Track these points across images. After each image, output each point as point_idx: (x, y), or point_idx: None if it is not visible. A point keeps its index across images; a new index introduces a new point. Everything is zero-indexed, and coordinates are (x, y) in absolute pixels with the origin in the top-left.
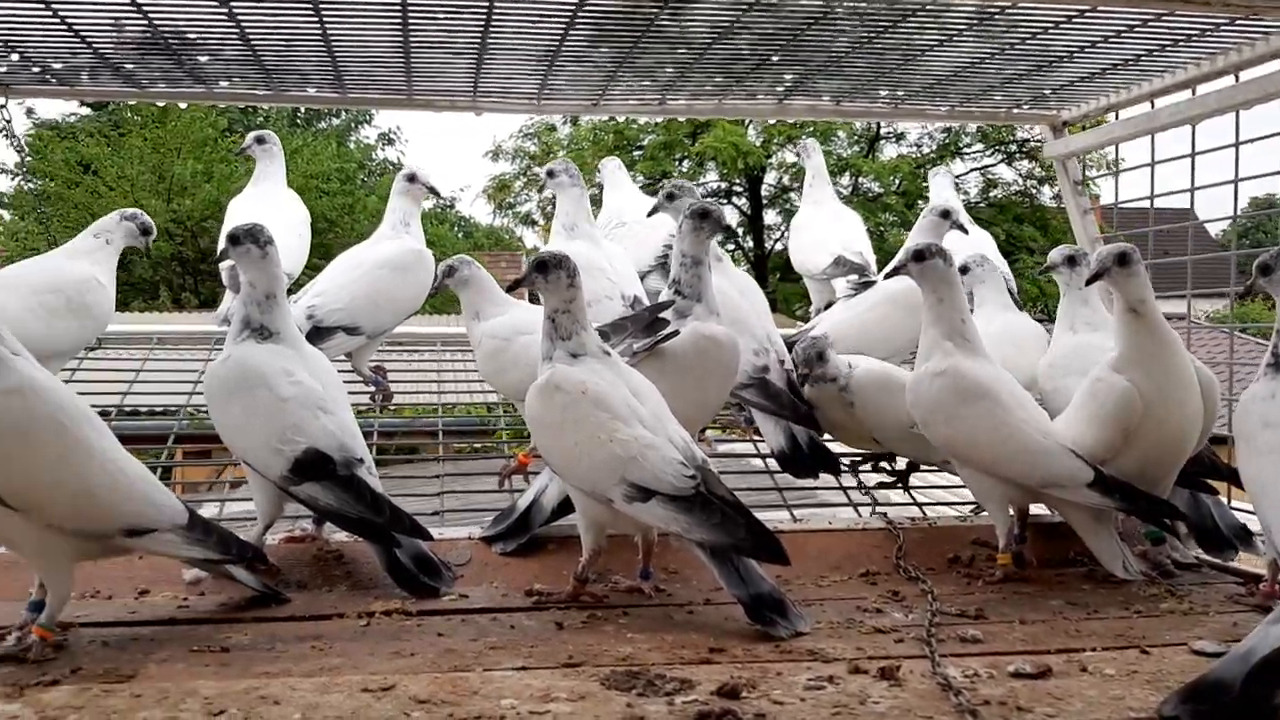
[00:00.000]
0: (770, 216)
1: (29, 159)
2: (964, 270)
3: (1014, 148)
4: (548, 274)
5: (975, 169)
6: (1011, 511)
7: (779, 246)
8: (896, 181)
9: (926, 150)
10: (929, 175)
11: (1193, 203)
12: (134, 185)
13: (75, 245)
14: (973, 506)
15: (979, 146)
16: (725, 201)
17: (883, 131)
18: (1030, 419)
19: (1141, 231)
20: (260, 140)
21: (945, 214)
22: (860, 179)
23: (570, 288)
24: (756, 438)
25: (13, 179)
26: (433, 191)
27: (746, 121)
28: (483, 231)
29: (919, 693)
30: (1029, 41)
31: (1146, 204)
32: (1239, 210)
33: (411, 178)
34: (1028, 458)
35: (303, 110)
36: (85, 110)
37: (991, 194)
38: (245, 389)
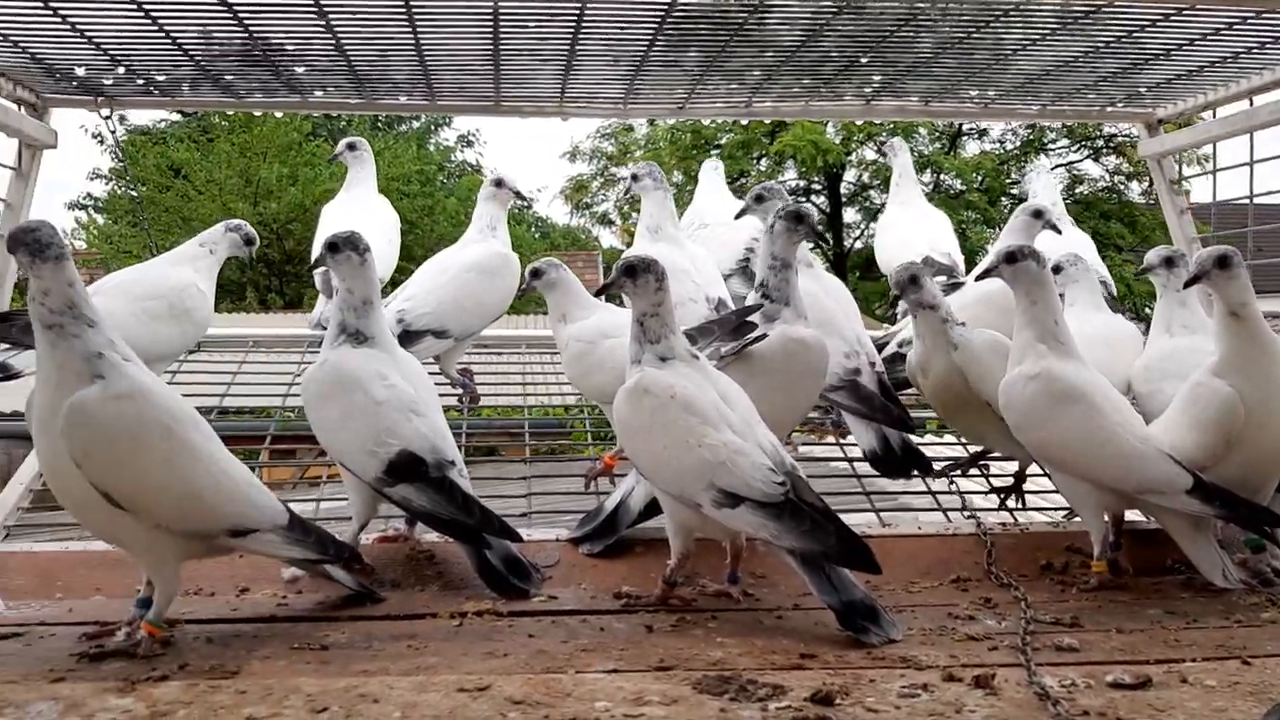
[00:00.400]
0: (849, 214)
1: (123, 164)
2: (1056, 270)
3: (1101, 143)
4: (636, 278)
5: (1061, 165)
6: (1106, 518)
7: (858, 245)
8: (979, 179)
9: (1010, 147)
10: (1027, 175)
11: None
12: (222, 189)
13: (180, 252)
14: (1065, 511)
15: (1064, 142)
16: (804, 199)
17: (965, 128)
18: (1126, 423)
19: (1239, 231)
20: (352, 147)
21: (1038, 214)
22: (942, 176)
23: (658, 291)
24: (843, 440)
25: (107, 184)
26: (519, 196)
27: (826, 119)
28: (559, 232)
29: (1015, 702)
30: (1123, 40)
31: (1244, 202)
32: None
33: (499, 183)
34: (1124, 463)
35: (384, 114)
36: (176, 116)
37: (1078, 190)
38: (341, 392)
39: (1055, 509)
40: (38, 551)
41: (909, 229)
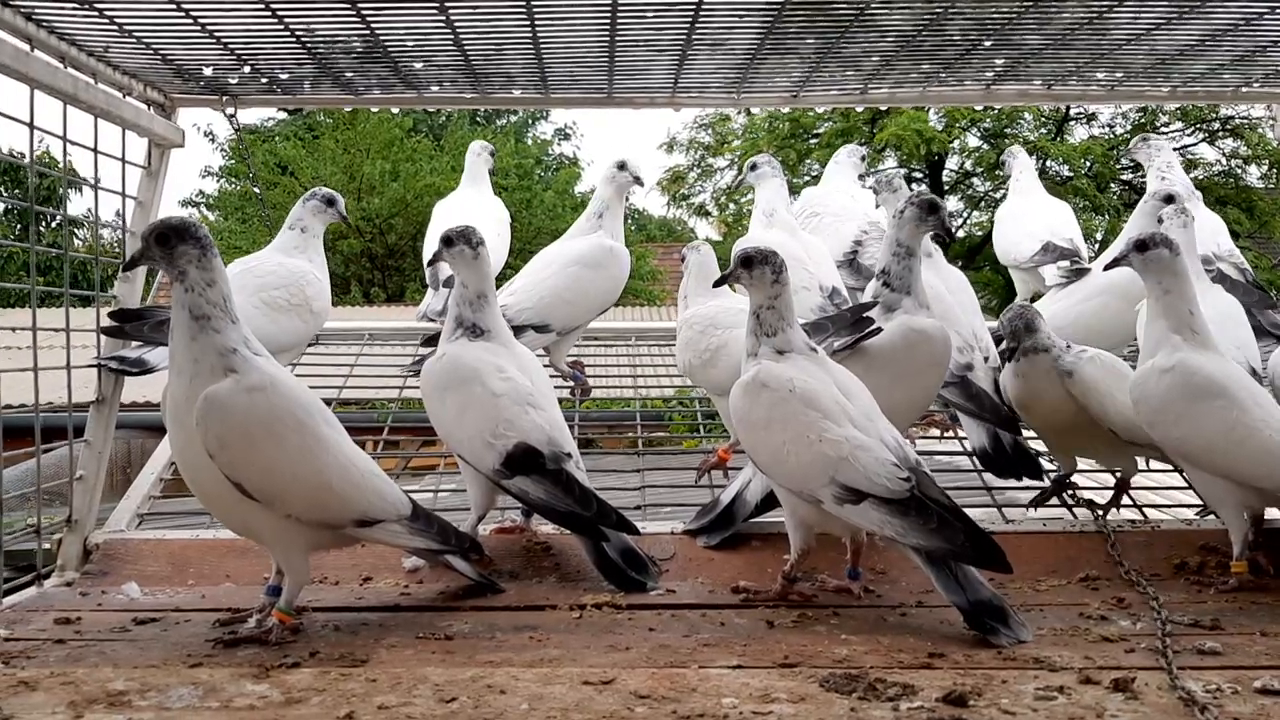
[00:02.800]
0: (951, 203)
1: (245, 160)
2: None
3: (1216, 126)
4: (753, 269)
5: (1175, 149)
6: (1246, 516)
7: (960, 234)
8: (1087, 164)
9: (1120, 131)
10: (1140, 146)
11: None
12: (327, 185)
13: (282, 241)
14: (1198, 509)
15: (1178, 125)
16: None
17: (1073, 112)
18: (1269, 417)
19: None
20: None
21: (1169, 199)
22: (1048, 162)
23: (775, 284)
24: (962, 434)
25: (218, 181)
26: (638, 181)
27: (944, 105)
28: (656, 223)
29: (1159, 707)
30: (1270, 15)
31: None
32: None
33: (622, 165)
34: (1267, 460)
35: (497, 108)
36: (282, 115)
37: (1193, 175)
38: (459, 385)
39: (1186, 506)
40: (170, 539)
41: (1030, 216)
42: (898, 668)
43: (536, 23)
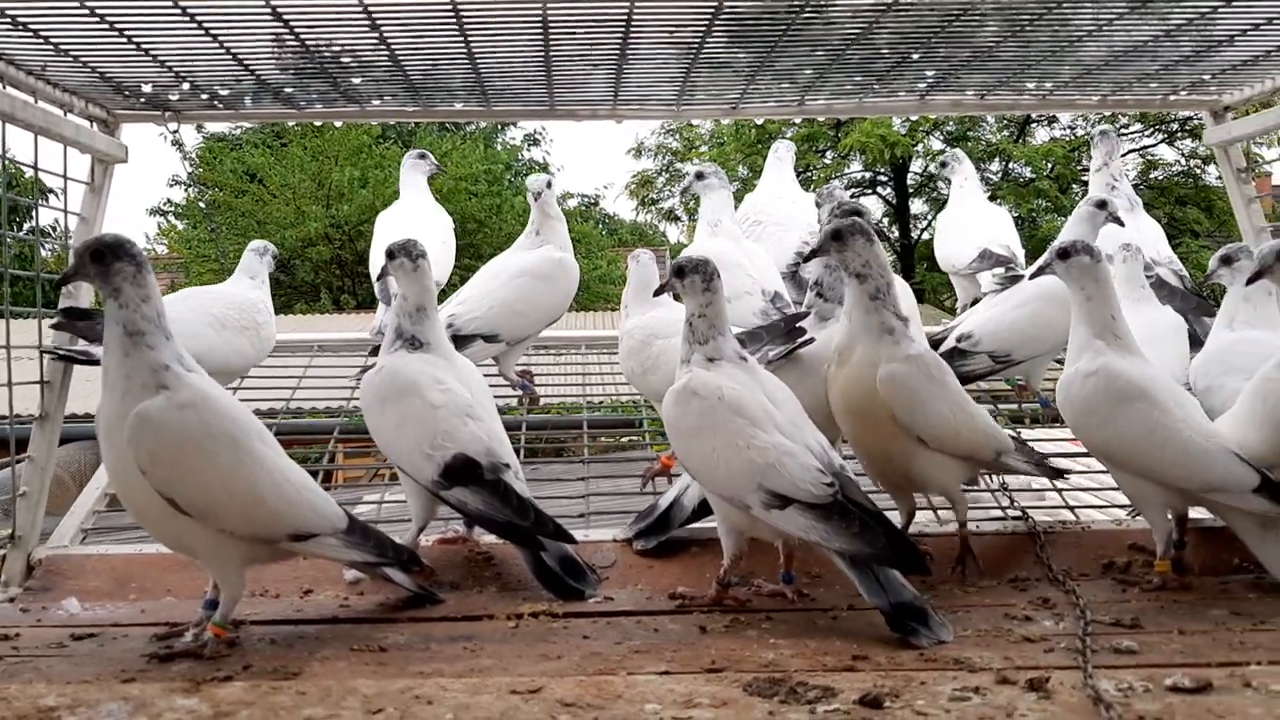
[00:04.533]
0: (916, 206)
1: (200, 170)
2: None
3: (1175, 127)
4: (684, 277)
5: (1134, 150)
6: (1170, 516)
7: (925, 236)
8: (1049, 166)
9: (1081, 133)
10: (1101, 139)
11: None
12: (295, 193)
13: (240, 277)
14: (1129, 509)
15: (1137, 127)
16: (870, 192)
17: (1034, 115)
18: (1190, 420)
19: None
20: (422, 156)
21: (1101, 204)
22: (1011, 164)
23: (707, 291)
24: None
25: (186, 189)
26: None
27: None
28: (627, 228)
29: (1069, 706)
30: (1188, 26)
31: None
32: None
33: (549, 184)
34: (1187, 461)
35: (442, 120)
36: (260, 122)
37: (1152, 175)
38: (397, 397)
39: (1117, 506)
40: (112, 554)
41: (968, 223)
42: (821, 671)
43: (469, 37)
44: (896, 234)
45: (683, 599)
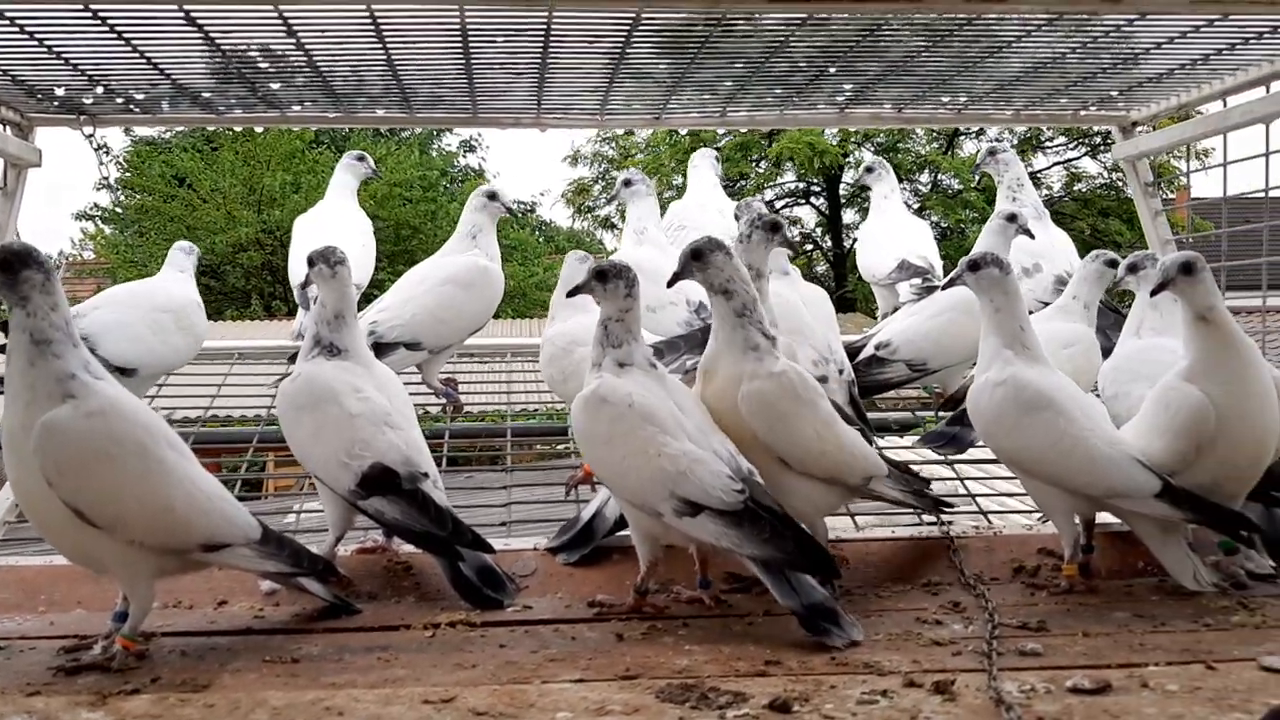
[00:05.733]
0: (849, 215)
1: (113, 176)
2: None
3: (1098, 140)
4: (606, 282)
5: (1058, 163)
6: (1077, 521)
7: (858, 245)
8: (977, 178)
9: (1009, 145)
10: (988, 160)
11: (1267, 199)
12: (226, 197)
13: (169, 273)
14: (1040, 515)
15: (1061, 140)
16: (804, 201)
17: (962, 128)
18: (1095, 428)
19: (1245, 229)
20: (361, 159)
21: (1011, 217)
22: (940, 176)
23: (627, 297)
24: None
25: (112, 193)
26: (510, 213)
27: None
28: (564, 235)
29: (972, 708)
30: (1091, 45)
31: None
32: None
33: (492, 195)
34: (1092, 468)
35: (364, 126)
36: (180, 126)
37: (1076, 188)
38: (314, 405)
39: (1031, 511)
40: (22, 565)
41: (888, 235)
42: (733, 676)
43: (388, 44)
44: (829, 243)
45: (601, 607)
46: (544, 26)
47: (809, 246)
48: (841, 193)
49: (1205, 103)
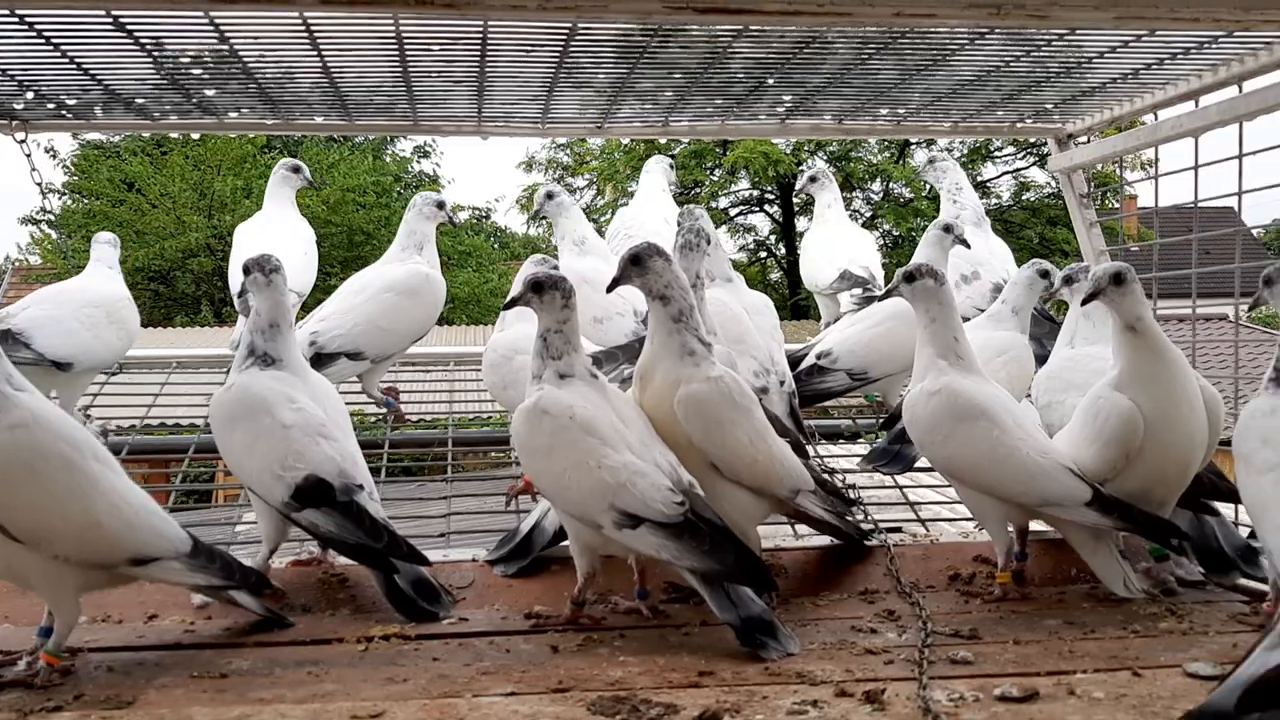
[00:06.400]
0: (803, 223)
1: (75, 179)
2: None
3: (1046, 150)
4: (543, 294)
5: (1007, 172)
6: (1011, 529)
7: None
8: (927, 187)
9: (958, 155)
10: (928, 168)
11: (1196, 213)
12: (176, 202)
13: (98, 270)
14: (976, 522)
15: (1010, 150)
16: (758, 209)
17: (913, 137)
18: (1028, 437)
19: (1174, 240)
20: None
21: (948, 228)
22: (891, 185)
23: (565, 308)
24: None
25: (60, 199)
26: (452, 223)
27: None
28: (518, 241)
29: (901, 717)
30: (1025, 58)
31: (1188, 206)
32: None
33: (440, 204)
34: (1024, 477)
35: (301, 134)
36: (115, 133)
37: (1024, 197)
38: (248, 416)
39: (967, 519)
40: None
41: (830, 244)
42: (666, 688)
43: (324, 53)
44: (783, 250)
45: (538, 618)
46: (480, 37)
47: (763, 254)
48: (795, 201)
49: (1137, 116)
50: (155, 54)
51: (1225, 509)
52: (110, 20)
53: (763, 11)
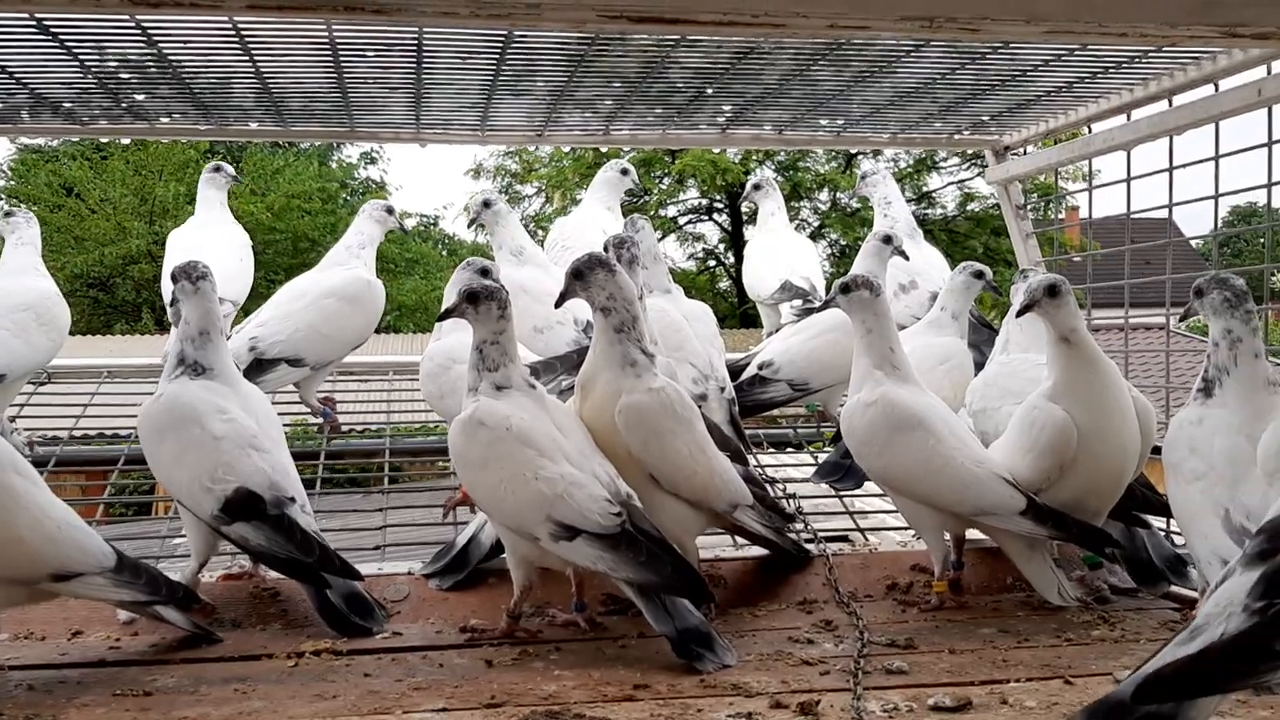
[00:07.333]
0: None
1: (12, 183)
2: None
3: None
4: (479, 305)
5: (952, 183)
6: (947, 538)
7: None
8: (855, 201)
9: (904, 165)
10: (860, 180)
11: (1129, 225)
12: (116, 208)
13: (23, 264)
14: (915, 532)
15: (955, 161)
16: (707, 218)
17: (859, 148)
18: (963, 447)
19: (1109, 251)
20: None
21: (887, 239)
22: (838, 195)
23: (501, 319)
24: None
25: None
26: (403, 230)
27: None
28: (467, 248)
29: None
30: (960, 70)
31: (1139, 218)
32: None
33: (390, 210)
34: (960, 486)
35: (235, 140)
36: (42, 138)
37: (969, 207)
38: (177, 426)
39: (906, 529)
40: None
41: (773, 255)
42: (600, 701)
43: (256, 58)
44: (732, 259)
45: (473, 632)
46: (415, 43)
47: (712, 263)
48: (744, 210)
49: (1072, 128)
50: (82, 57)
51: (1157, 521)
52: (34, 23)
53: (697, 21)
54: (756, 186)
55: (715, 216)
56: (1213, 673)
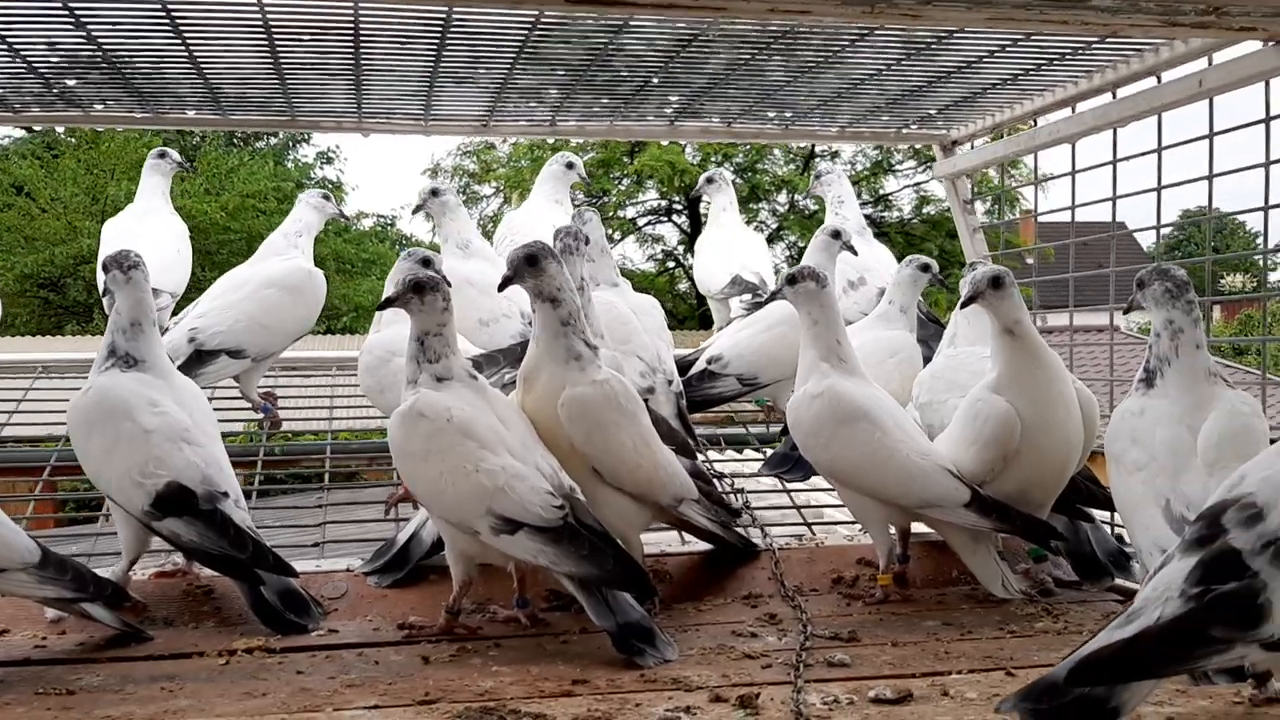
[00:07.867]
0: None
1: None
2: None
3: None
4: (425, 295)
5: (908, 185)
6: (893, 531)
7: None
8: (811, 202)
9: (861, 168)
10: (814, 180)
11: (1073, 217)
12: (67, 207)
13: None
14: (861, 525)
15: (911, 163)
16: (665, 219)
17: (818, 149)
18: (908, 439)
19: (1057, 244)
20: (163, 155)
21: (835, 234)
22: (796, 197)
23: (445, 311)
24: None
25: None
26: (344, 218)
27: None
28: (424, 248)
29: None
30: (905, 62)
31: (1091, 215)
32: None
33: (328, 196)
34: (905, 478)
35: (172, 128)
36: (19, 132)
37: (925, 210)
38: (107, 420)
39: (852, 522)
40: None
41: (723, 249)
42: (537, 697)
43: (189, 43)
44: (691, 261)
45: (411, 629)
46: (352, 26)
47: (671, 264)
48: (702, 210)
49: (1018, 122)
50: (9, 40)
51: (1101, 515)
52: None
53: (637, 4)
54: (709, 180)
55: (674, 218)
56: (1147, 657)
